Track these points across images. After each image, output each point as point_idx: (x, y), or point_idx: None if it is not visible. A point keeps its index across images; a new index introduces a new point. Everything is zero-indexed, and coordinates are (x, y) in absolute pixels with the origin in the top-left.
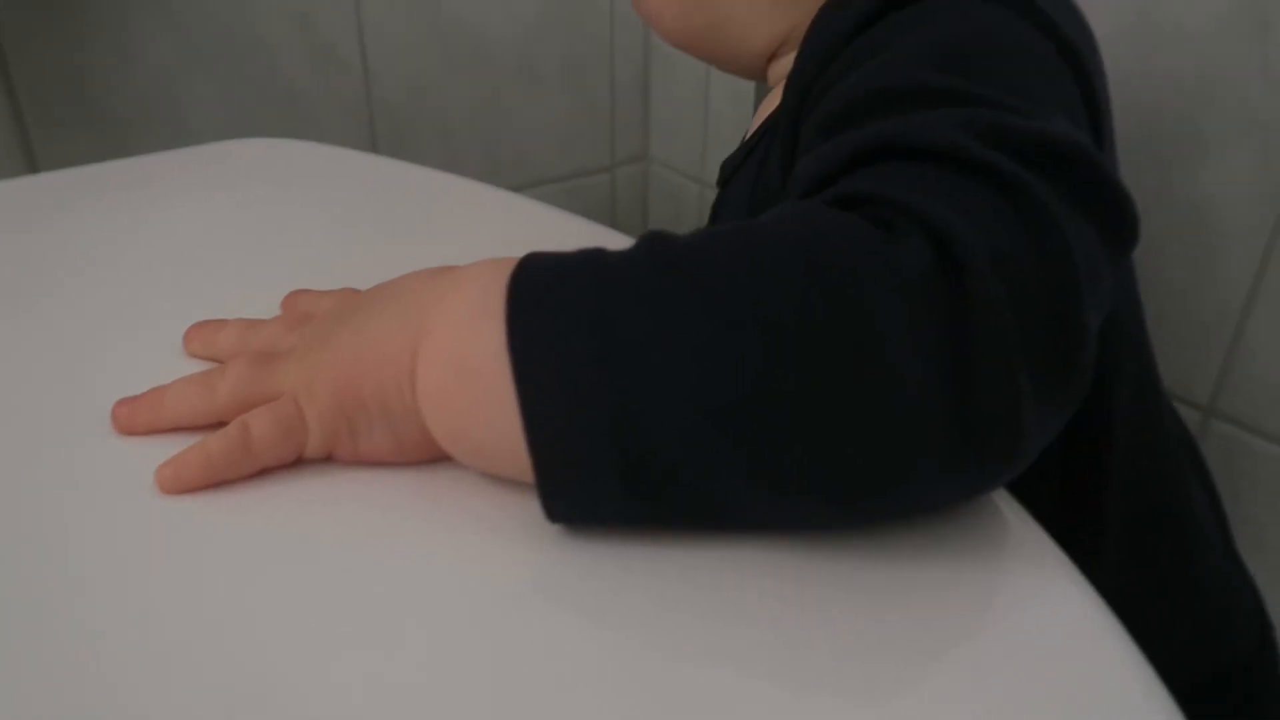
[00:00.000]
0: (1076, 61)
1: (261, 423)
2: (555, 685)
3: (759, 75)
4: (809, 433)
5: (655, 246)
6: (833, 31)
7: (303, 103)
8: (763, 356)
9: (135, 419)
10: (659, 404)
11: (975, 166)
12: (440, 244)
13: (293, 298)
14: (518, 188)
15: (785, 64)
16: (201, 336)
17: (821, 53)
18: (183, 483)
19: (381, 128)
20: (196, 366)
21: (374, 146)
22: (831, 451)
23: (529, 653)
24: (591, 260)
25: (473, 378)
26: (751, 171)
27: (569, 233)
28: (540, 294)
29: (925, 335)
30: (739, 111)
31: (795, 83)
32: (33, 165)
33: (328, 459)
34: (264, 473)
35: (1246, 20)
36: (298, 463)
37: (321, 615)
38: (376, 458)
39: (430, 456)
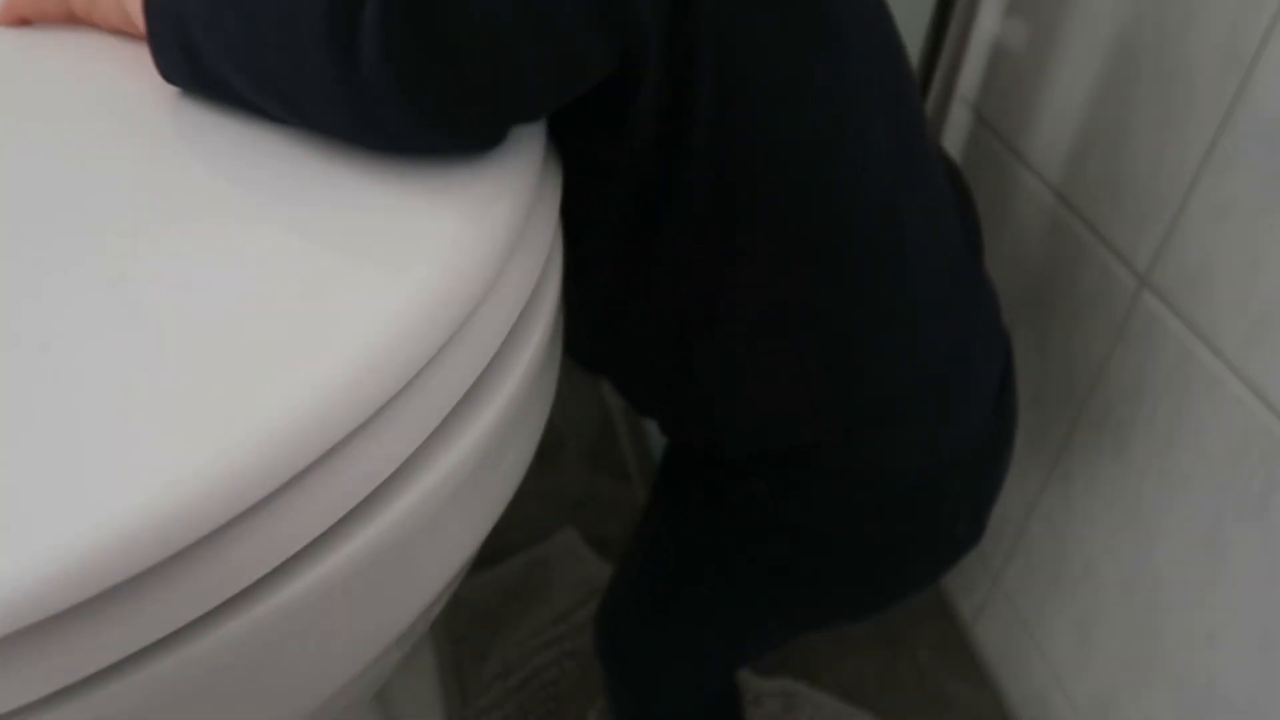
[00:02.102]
0: None
1: None
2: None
3: None
4: (255, 42)
5: None
6: None
7: None
8: None
9: None
10: (192, 11)
11: None
12: None
13: None
14: None
15: None
16: None
17: None
18: None
19: None
20: None
21: None
22: (268, 61)
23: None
24: None
25: None
26: None
27: None
28: None
29: None
30: None
31: None
32: None
33: (73, 19)
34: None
35: None
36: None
37: None
38: (102, 22)
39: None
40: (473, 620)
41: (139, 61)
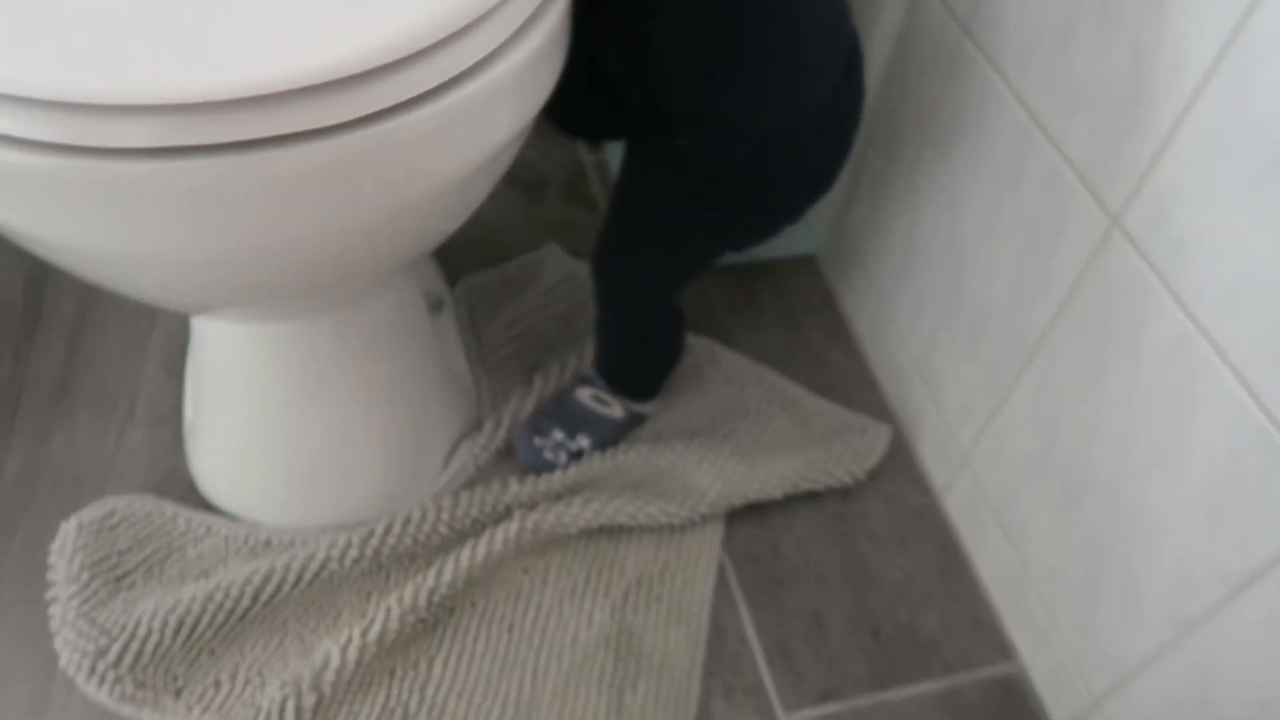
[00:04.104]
0: None
1: None
2: None
3: None
4: None
5: None
6: None
7: None
8: None
9: None
10: None
11: None
12: None
13: None
14: None
15: None
16: None
17: None
18: None
19: None
20: None
21: None
22: None
23: None
24: None
25: None
26: None
27: None
28: None
29: None
30: None
31: None
32: None
33: None
34: None
35: None
36: None
37: None
38: None
39: None
40: (482, 297)
41: None
